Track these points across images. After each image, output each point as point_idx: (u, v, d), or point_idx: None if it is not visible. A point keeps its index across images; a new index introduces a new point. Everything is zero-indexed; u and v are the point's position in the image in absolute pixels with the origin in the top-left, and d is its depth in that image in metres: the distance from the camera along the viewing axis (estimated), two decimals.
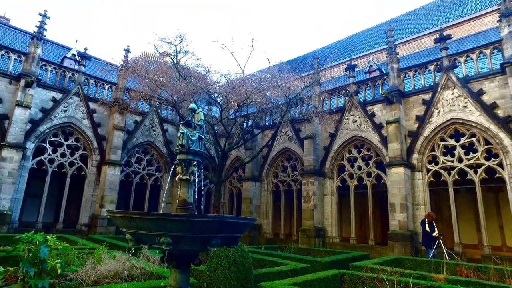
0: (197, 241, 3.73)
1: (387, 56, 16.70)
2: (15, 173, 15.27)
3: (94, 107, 18.87)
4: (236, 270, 6.62)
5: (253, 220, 4.53)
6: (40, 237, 5.73)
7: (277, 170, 20.68)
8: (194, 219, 3.75)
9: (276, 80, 15.71)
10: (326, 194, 17.61)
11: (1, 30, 21.11)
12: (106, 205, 17.54)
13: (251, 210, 20.05)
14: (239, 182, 22.19)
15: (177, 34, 15.77)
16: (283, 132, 20.19)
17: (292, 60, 34.22)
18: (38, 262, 5.50)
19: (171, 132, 21.90)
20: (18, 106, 15.77)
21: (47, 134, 17.24)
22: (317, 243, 16.43)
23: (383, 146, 15.66)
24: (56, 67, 18.35)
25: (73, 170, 17.91)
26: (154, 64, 21.49)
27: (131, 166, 20.09)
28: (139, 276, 6.83)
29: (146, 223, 3.57)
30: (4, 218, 14.64)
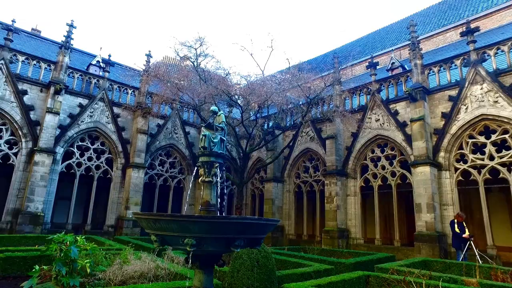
0: (220, 242, 3.75)
1: (410, 52, 16.25)
2: (46, 177, 15.94)
3: (118, 111, 19.42)
4: (259, 271, 6.62)
5: (275, 221, 4.51)
6: (70, 237, 5.98)
7: (299, 171, 20.55)
8: (217, 220, 3.78)
9: (296, 80, 15.62)
10: (349, 195, 17.34)
11: (33, 42, 22.14)
12: (131, 207, 17.98)
13: (274, 211, 20.02)
14: (261, 183, 22.21)
15: (197, 37, 16.01)
16: (304, 132, 20.04)
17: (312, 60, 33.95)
18: (69, 262, 5.73)
19: (193, 134, 22.21)
20: (48, 112, 16.49)
21: (75, 139, 17.89)
22: (341, 244, 16.19)
23: (408, 145, 15.25)
24: (82, 74, 19.05)
25: (99, 173, 18.51)
26: (175, 68, 21.91)
27: (155, 169, 20.52)
28: (164, 276, 6.96)
29: (170, 225, 3.62)
30: (38, 219, 15.31)
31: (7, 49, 16.37)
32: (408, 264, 8.96)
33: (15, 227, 14.96)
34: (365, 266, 9.29)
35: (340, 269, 8.91)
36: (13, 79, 16.21)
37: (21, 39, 19.68)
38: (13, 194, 15.68)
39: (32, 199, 15.43)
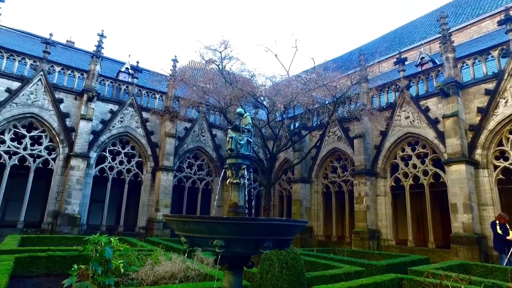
0: (249, 244, 3.76)
1: (441, 46, 15.60)
2: (81, 180, 16.69)
3: (146, 116, 19.99)
4: (289, 273, 6.57)
5: (304, 223, 4.46)
6: (104, 239, 6.23)
7: (326, 171, 20.27)
8: (246, 222, 3.79)
9: (322, 80, 15.42)
10: (379, 195, 16.88)
11: (68, 53, 23.30)
12: (161, 209, 18.43)
13: (302, 212, 19.84)
14: (289, 184, 22.09)
15: (221, 41, 16.17)
16: (331, 132, 19.74)
17: (338, 58, 33.42)
18: (104, 262, 5.98)
19: (220, 137, 22.46)
20: (82, 119, 17.28)
21: (107, 144, 18.60)
22: (372, 246, 15.78)
23: (440, 142, 14.64)
24: (112, 81, 19.82)
25: (130, 176, 19.12)
26: (200, 71, 22.25)
27: (183, 171, 20.93)
28: (193, 277, 7.06)
29: (199, 226, 3.67)
30: (75, 221, 16.06)
31: (45, 61, 17.37)
32: (444, 267, 8.57)
33: (55, 228, 15.78)
34: (397, 269, 8.98)
35: (371, 271, 8.67)
36: (51, 89, 17.14)
37: (57, 51, 20.73)
38: (52, 197, 16.56)
39: (69, 201, 16.20)
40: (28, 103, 16.51)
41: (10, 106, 16.05)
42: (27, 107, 16.49)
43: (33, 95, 16.69)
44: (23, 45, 19.95)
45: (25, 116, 16.49)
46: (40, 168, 16.73)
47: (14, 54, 17.05)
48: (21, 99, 16.38)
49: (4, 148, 15.90)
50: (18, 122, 16.37)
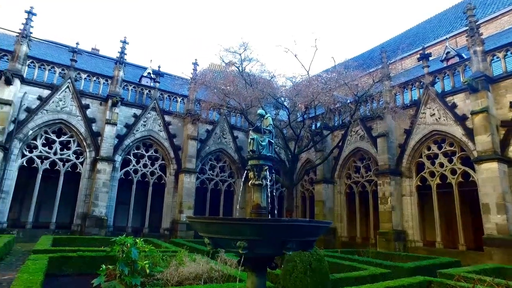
0: (272, 245, 3.73)
1: (468, 39, 14.97)
2: (108, 183, 17.20)
3: (169, 119, 20.37)
4: (312, 274, 6.50)
5: (328, 223, 4.40)
6: (130, 240, 6.39)
7: (349, 171, 19.94)
8: (268, 223, 3.78)
9: (343, 79, 15.20)
10: (404, 195, 16.43)
11: (93, 60, 24.12)
12: (185, 211, 18.70)
13: (325, 213, 19.61)
14: (311, 185, 21.90)
15: (241, 43, 16.27)
16: (354, 131, 19.41)
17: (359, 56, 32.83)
18: (131, 262, 6.13)
19: (241, 138, 22.57)
20: (107, 123, 17.84)
21: (131, 147, 19.09)
22: (398, 247, 15.36)
23: (469, 140, 14.08)
24: (135, 86, 20.37)
25: (154, 178, 19.52)
26: (221, 74, 22.46)
27: (205, 173, 21.17)
28: (217, 278, 7.11)
29: (222, 228, 3.69)
30: (102, 222, 16.57)
31: (72, 69, 18.10)
32: (477, 270, 8.22)
33: (84, 229, 16.35)
34: (425, 271, 8.71)
35: (398, 274, 8.45)
36: (78, 95, 17.81)
37: (83, 58, 21.50)
38: (81, 199, 17.17)
39: (97, 204, 16.74)
40: (57, 110, 17.23)
41: (41, 113, 16.81)
42: (57, 114, 17.20)
43: (61, 102, 17.39)
44: (52, 55, 20.84)
45: (55, 122, 17.21)
46: (69, 171, 17.41)
47: (45, 63, 17.89)
48: (51, 106, 17.11)
49: (36, 153, 16.65)
50: (49, 128, 17.10)
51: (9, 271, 8.82)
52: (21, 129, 16.22)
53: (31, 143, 16.65)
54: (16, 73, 15.98)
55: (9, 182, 15.67)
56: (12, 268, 9.19)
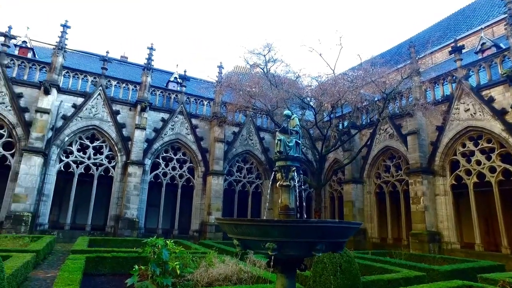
0: (301, 247, 3.70)
1: (507, 27, 14.11)
2: (138, 186, 17.73)
3: (196, 122, 20.73)
4: (343, 276, 6.38)
5: (358, 224, 4.30)
6: (161, 241, 6.56)
7: (379, 171, 19.42)
8: (297, 224, 3.74)
9: (370, 76, 14.86)
10: (438, 194, 15.77)
11: (122, 67, 25.00)
12: (213, 213, 18.92)
13: (354, 213, 19.21)
14: (340, 185, 21.54)
15: (265, 44, 16.30)
16: (382, 129, 18.89)
17: (386, 52, 31.96)
18: (162, 263, 6.29)
19: (268, 139, 22.59)
20: (137, 128, 18.42)
21: (160, 151, 19.58)
22: (432, 249, 14.75)
23: (509, 135, 13.30)
24: (162, 91, 20.92)
25: (182, 181, 19.92)
26: (246, 76, 22.59)
27: (233, 175, 21.34)
28: (247, 279, 7.14)
29: (251, 229, 3.69)
30: (134, 224, 17.09)
31: (103, 77, 18.88)
32: None
33: (117, 231, 16.95)
34: (464, 275, 8.30)
35: (434, 277, 8.11)
36: (109, 102, 18.54)
37: (113, 66, 22.33)
38: (113, 202, 17.82)
39: (128, 206, 17.29)
40: (90, 116, 18.00)
41: (76, 120, 17.63)
42: (90, 120, 17.97)
43: (94, 109, 18.17)
44: (84, 64, 21.80)
45: (88, 128, 17.99)
46: (102, 175, 18.11)
47: (78, 73, 18.79)
48: (85, 113, 17.91)
49: (72, 158, 17.48)
50: (83, 134, 17.91)
51: (51, 269, 9.34)
52: (58, 136, 17.08)
53: (67, 149, 17.50)
54: (53, 83, 16.89)
55: (49, 186, 16.54)
56: (54, 266, 9.70)
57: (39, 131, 16.12)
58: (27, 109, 16.69)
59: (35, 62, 18.15)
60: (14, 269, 6.31)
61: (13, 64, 17.28)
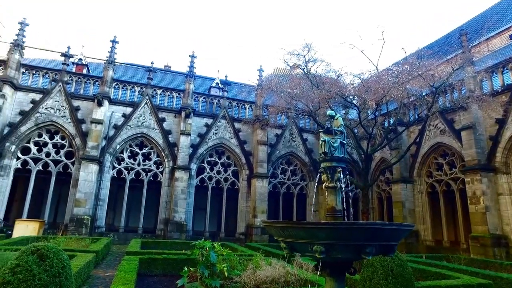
0: (350, 249, 3.60)
1: None
2: (185, 190, 18.36)
3: (238, 126, 21.05)
4: (395, 281, 6.07)
5: (410, 226, 4.09)
6: (208, 244, 6.71)
7: (430, 169, 18.32)
8: (345, 226, 3.64)
9: (416, 70, 14.10)
10: (501, 193, 14.50)
11: (166, 76, 26.14)
12: (258, 215, 19.03)
13: (404, 214, 18.28)
14: (388, 185, 20.65)
15: (304, 44, 16.11)
16: (432, 125, 17.82)
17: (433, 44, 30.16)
18: (210, 265, 6.43)
19: (311, 140, 22.32)
20: (182, 134, 19.10)
21: (205, 155, 20.13)
22: (498, 254, 13.53)
23: None
24: (205, 97, 21.53)
25: (227, 184, 20.28)
26: (286, 77, 22.55)
27: (277, 177, 21.33)
28: (294, 282, 7.05)
29: (298, 232, 3.65)
30: (182, 227, 17.71)
31: (149, 86, 19.89)
32: None
33: (166, 233, 17.66)
34: None
35: (501, 286, 7.43)
36: (155, 110, 19.46)
37: (157, 76, 23.41)
38: (162, 206, 18.62)
39: (176, 210, 17.96)
40: (138, 125, 19.02)
41: (125, 128, 18.72)
42: (138, 128, 18.98)
43: (142, 117, 19.18)
44: (131, 75, 23.08)
45: (137, 136, 19.01)
46: (151, 180, 19.01)
47: (126, 84, 19.98)
48: (133, 122, 18.96)
49: (124, 165, 18.56)
50: (132, 141, 18.96)
51: (109, 268, 9.98)
52: (111, 144, 18.23)
53: (119, 156, 18.62)
54: (105, 95, 18.14)
55: (104, 191, 17.71)
56: (112, 266, 10.36)
57: (94, 141, 17.34)
58: (84, 120, 18.05)
59: (89, 77, 19.63)
60: (79, 268, 6.83)
61: (71, 80, 18.87)
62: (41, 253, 4.71)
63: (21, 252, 4.73)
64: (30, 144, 17.24)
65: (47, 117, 17.56)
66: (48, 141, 17.55)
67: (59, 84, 18.10)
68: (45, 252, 4.74)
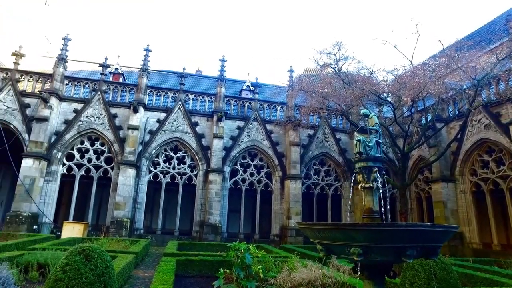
0: (389, 252, 3.49)
1: None
2: (219, 193, 18.62)
3: (270, 128, 21.06)
4: (439, 286, 5.78)
5: (454, 228, 3.88)
6: (243, 246, 6.75)
7: (474, 167, 17.27)
8: (383, 228, 3.52)
9: (455, 62, 13.38)
10: None
11: (197, 81, 26.73)
12: (293, 217, 18.89)
13: (446, 215, 17.36)
14: (427, 185, 19.72)
15: (334, 42, 15.84)
16: (475, 120, 16.81)
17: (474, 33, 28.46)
18: (245, 267, 6.47)
19: (344, 140, 21.89)
20: (215, 137, 19.42)
21: (237, 158, 20.31)
22: None
23: None
24: (236, 100, 21.75)
25: (261, 186, 20.33)
26: (317, 77, 22.26)
27: (310, 178, 21.08)
28: (331, 285, 6.92)
29: (334, 234, 3.59)
30: (217, 229, 17.96)
31: (182, 92, 20.43)
32: None
33: (202, 235, 17.99)
34: None
35: None
36: (188, 115, 19.95)
37: (189, 81, 23.98)
38: (197, 208, 19.01)
39: (211, 212, 18.26)
40: (172, 129, 19.59)
41: (160, 133, 19.34)
42: (172, 133, 19.54)
43: (175, 122, 19.73)
44: (164, 82, 23.84)
45: (171, 141, 19.58)
46: (186, 183, 19.49)
47: (160, 90, 20.68)
48: (167, 127, 19.54)
49: (159, 169, 19.17)
50: (167, 146, 19.54)
51: (148, 269, 10.34)
52: (147, 149, 18.91)
53: (154, 160, 19.26)
54: (140, 102, 18.88)
55: (142, 195, 18.38)
56: (150, 267, 10.72)
57: (131, 146, 18.07)
58: (121, 127, 18.87)
59: (125, 85, 20.53)
60: (121, 268, 7.13)
61: (109, 89, 19.83)
62: (86, 254, 5.02)
63: (69, 252, 5.09)
64: (74, 151, 18.32)
65: (88, 125, 18.56)
66: (89, 148, 18.54)
67: (98, 93, 19.08)
68: (90, 252, 5.05)
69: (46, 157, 17.22)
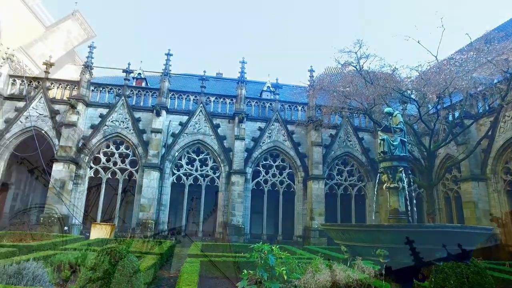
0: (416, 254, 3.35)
1: None
2: (242, 194, 18.70)
3: (291, 128, 20.94)
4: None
5: (487, 230, 3.71)
6: (267, 247, 6.74)
7: (508, 165, 16.46)
8: (410, 229, 3.42)
9: (485, 56, 12.86)
10: None
11: (218, 83, 27.00)
12: (316, 218, 18.69)
13: (478, 216, 16.61)
14: (455, 184, 18.98)
15: (355, 41, 15.62)
16: (508, 116, 16.02)
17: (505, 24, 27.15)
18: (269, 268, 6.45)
19: (367, 139, 21.46)
20: (236, 139, 19.53)
21: (259, 159, 20.32)
22: None
23: None
24: (257, 101, 21.79)
25: (283, 187, 20.25)
26: (338, 76, 21.98)
27: (333, 179, 20.79)
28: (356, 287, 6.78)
29: (359, 235, 3.52)
30: (240, 230, 18.03)
31: (203, 95, 20.70)
32: None
33: (225, 236, 18.10)
34: None
35: None
36: (209, 117, 20.17)
37: (210, 84, 24.25)
38: (220, 210, 19.18)
39: (234, 213, 18.35)
40: (194, 132, 19.85)
41: (182, 136, 19.66)
42: (194, 135, 19.81)
43: (197, 125, 20.00)
44: (186, 85, 24.19)
45: (193, 143, 19.85)
46: (209, 185, 19.66)
47: (181, 94, 21.05)
48: (189, 129, 19.83)
49: (182, 171, 19.48)
50: (189, 148, 19.83)
51: (173, 270, 10.50)
52: (170, 152, 19.25)
53: (177, 163, 19.57)
54: (162, 105, 19.28)
55: (166, 197, 18.73)
56: (175, 268, 10.89)
57: (155, 149, 18.46)
58: (144, 130, 19.31)
59: (147, 90, 21.00)
60: (147, 268, 7.29)
61: (132, 93, 20.35)
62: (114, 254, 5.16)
63: (98, 253, 5.27)
64: (100, 154, 18.91)
65: (113, 129, 19.11)
66: (114, 151, 19.09)
67: (122, 98, 19.62)
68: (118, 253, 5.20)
69: (74, 161, 17.88)
